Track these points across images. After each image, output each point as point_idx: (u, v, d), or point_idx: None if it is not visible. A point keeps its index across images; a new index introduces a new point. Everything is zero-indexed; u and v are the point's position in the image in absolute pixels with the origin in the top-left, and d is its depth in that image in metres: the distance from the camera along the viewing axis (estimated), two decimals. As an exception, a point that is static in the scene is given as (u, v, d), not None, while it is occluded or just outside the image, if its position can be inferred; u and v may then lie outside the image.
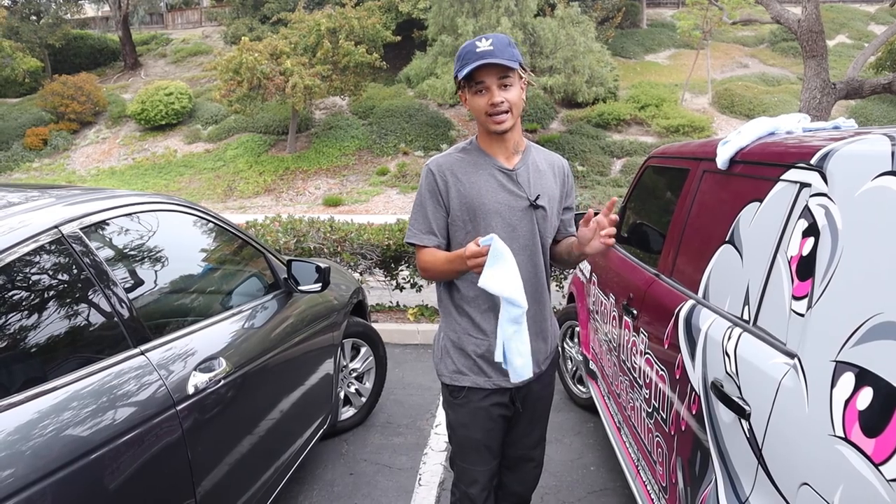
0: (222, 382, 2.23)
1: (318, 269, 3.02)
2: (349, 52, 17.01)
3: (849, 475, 1.22)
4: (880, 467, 1.16)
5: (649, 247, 2.98)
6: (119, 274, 2.06)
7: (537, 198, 2.05)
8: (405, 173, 17.20)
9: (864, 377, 1.24)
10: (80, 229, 1.93)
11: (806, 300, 1.47)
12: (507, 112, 1.94)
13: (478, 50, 1.89)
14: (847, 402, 1.26)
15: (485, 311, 2.07)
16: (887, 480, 1.14)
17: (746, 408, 1.59)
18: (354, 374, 3.93)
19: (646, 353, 2.49)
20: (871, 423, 1.20)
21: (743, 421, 1.61)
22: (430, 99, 18.34)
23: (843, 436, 1.25)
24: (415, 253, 2.16)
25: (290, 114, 18.56)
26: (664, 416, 2.24)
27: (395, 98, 20.42)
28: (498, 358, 1.87)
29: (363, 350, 3.97)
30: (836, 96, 9.27)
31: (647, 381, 2.45)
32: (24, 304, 1.72)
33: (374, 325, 4.31)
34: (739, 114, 19.07)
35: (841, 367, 1.30)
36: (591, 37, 17.31)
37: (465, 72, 1.89)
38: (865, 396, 1.22)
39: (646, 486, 2.48)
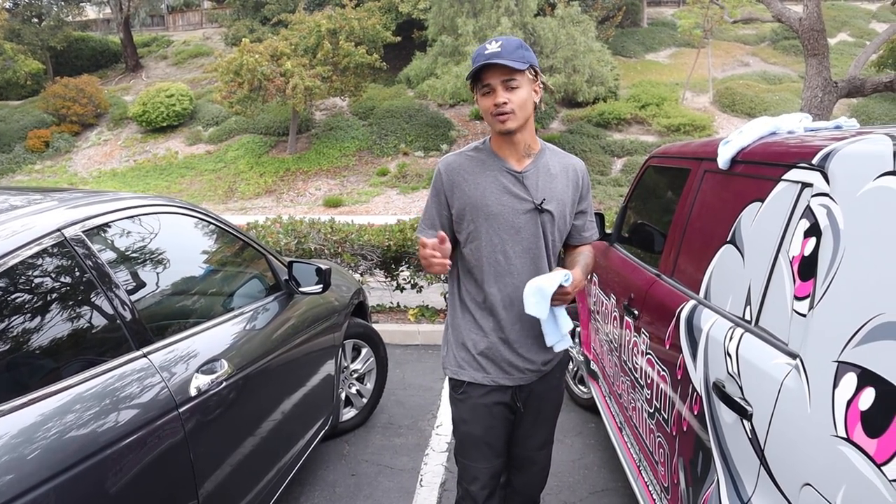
0: (224, 384, 2.23)
1: (318, 270, 3.02)
2: (349, 52, 17.03)
3: (851, 476, 1.22)
4: (883, 468, 1.16)
5: (650, 247, 2.97)
6: (121, 276, 2.06)
7: (543, 201, 2.05)
8: (405, 174, 17.20)
9: (866, 377, 1.24)
10: (83, 232, 1.93)
11: (808, 300, 1.47)
12: (511, 112, 1.95)
13: (486, 52, 1.93)
14: (849, 402, 1.26)
15: (484, 310, 2.12)
16: (889, 481, 1.14)
17: (748, 408, 1.59)
18: (355, 375, 3.93)
19: (647, 354, 2.49)
20: (874, 423, 1.20)
21: (745, 421, 1.61)
22: (430, 99, 18.33)
23: (845, 436, 1.25)
24: (415, 254, 2.24)
25: (291, 115, 18.57)
26: (666, 417, 2.24)
27: (395, 99, 20.41)
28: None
29: (364, 351, 3.97)
30: (838, 95, 9.28)
31: (649, 382, 2.45)
32: (27, 306, 1.72)
33: (375, 326, 4.31)
34: (741, 112, 19.05)
35: (843, 367, 1.30)
36: (592, 36, 17.27)
37: (470, 72, 1.96)
38: (867, 397, 1.22)
39: (647, 486, 2.48)
